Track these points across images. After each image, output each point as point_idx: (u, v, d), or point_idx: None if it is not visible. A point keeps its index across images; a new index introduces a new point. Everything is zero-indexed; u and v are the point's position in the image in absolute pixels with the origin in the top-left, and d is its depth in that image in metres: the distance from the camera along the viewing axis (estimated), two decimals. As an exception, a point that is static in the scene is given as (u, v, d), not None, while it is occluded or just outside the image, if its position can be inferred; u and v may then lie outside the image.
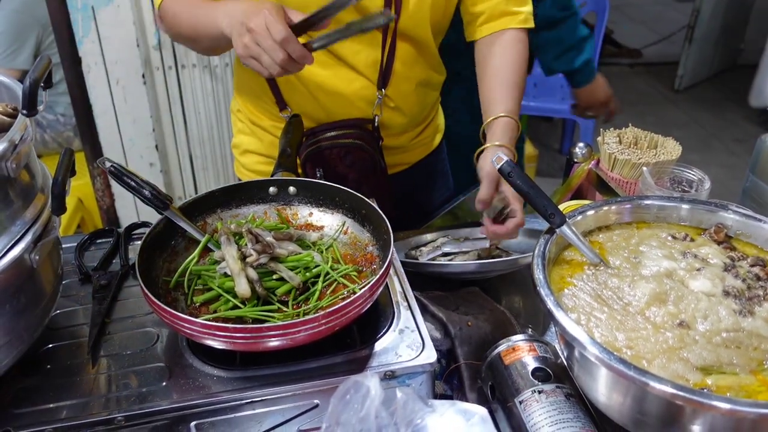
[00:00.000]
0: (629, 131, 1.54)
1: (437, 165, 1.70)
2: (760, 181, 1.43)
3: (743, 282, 0.92)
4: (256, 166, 1.56)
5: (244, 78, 1.49)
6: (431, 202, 1.73)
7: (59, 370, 0.97)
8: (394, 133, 1.49)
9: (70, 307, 1.09)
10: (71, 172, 0.94)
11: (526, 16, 1.35)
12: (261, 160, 1.55)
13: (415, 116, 1.50)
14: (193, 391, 0.92)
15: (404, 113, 1.46)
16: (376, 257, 1.11)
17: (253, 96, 1.49)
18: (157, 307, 0.91)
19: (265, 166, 1.55)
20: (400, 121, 1.47)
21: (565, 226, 0.96)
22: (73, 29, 2.44)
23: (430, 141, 1.62)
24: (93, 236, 1.26)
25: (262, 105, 1.48)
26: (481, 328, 1.13)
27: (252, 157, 1.56)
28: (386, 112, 1.43)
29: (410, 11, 1.32)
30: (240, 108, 1.56)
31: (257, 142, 1.54)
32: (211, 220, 1.17)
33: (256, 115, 1.51)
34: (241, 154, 1.59)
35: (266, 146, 1.53)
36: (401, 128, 1.50)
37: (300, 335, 0.89)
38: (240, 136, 1.59)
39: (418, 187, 1.66)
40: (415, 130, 1.55)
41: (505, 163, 0.97)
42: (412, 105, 1.47)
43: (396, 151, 1.54)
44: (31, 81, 0.84)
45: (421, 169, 1.63)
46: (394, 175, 1.55)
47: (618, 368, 0.75)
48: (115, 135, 2.73)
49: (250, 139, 1.55)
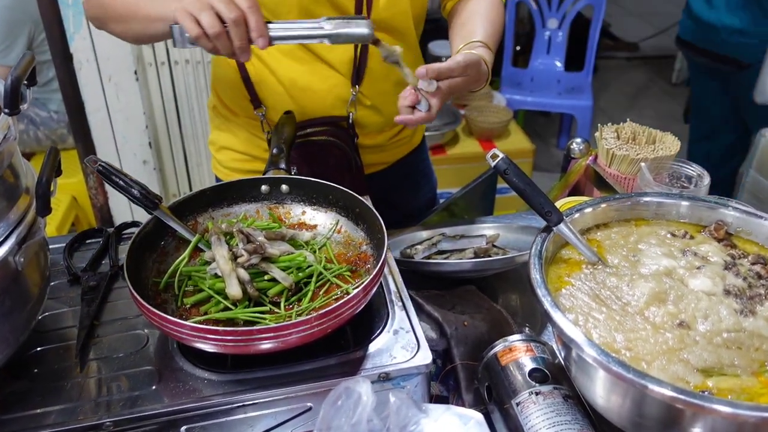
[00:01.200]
0: (627, 126, 1.52)
1: (418, 165, 1.66)
2: (760, 176, 1.41)
3: (744, 280, 0.91)
4: (232, 163, 1.53)
5: (219, 74, 1.46)
6: (413, 204, 1.69)
7: (47, 373, 0.95)
8: (370, 131, 1.46)
9: (58, 309, 1.07)
10: (57, 171, 0.91)
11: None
12: (237, 157, 1.52)
13: (392, 116, 1.47)
14: (184, 395, 0.90)
15: (381, 112, 1.43)
16: (370, 256, 1.09)
17: (228, 92, 1.45)
18: (146, 310, 0.89)
19: (242, 163, 1.51)
20: (377, 120, 1.44)
21: (562, 224, 0.94)
22: (64, 25, 2.41)
23: (409, 140, 1.59)
24: (82, 236, 1.23)
25: (237, 101, 1.44)
26: (478, 328, 1.11)
27: (228, 153, 1.53)
28: (362, 111, 1.41)
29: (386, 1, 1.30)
30: (215, 104, 1.53)
31: (233, 138, 1.51)
32: (202, 219, 1.15)
33: (232, 112, 1.48)
34: (218, 151, 1.55)
35: (242, 143, 1.50)
36: (377, 127, 1.47)
37: (292, 337, 0.87)
38: (216, 132, 1.55)
39: (397, 187, 1.62)
40: (393, 129, 1.52)
41: (501, 160, 0.95)
42: (389, 104, 1.43)
43: (373, 150, 1.50)
44: (12, 79, 0.82)
45: (400, 169, 1.59)
46: (373, 175, 1.52)
47: (617, 371, 0.73)
48: (108, 132, 2.71)
49: (226, 135, 1.52)
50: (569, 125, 4.50)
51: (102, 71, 2.58)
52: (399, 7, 1.33)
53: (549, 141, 4.63)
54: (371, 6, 1.29)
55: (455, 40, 1.31)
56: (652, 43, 5.70)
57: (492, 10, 1.35)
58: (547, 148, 4.53)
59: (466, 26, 1.32)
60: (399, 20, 1.35)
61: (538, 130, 4.67)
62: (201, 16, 1.03)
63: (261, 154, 1.48)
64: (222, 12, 1.03)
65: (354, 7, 1.28)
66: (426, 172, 1.73)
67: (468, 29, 1.30)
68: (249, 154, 1.50)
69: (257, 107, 1.40)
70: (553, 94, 4.12)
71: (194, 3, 1.04)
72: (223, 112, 1.51)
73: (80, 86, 2.57)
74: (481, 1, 1.37)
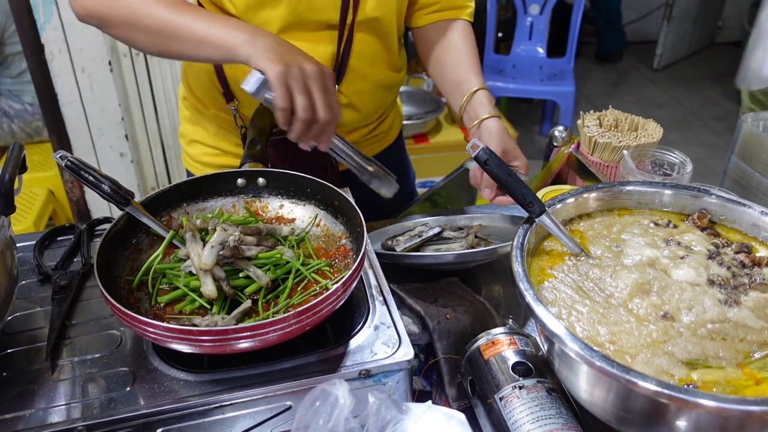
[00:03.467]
0: (609, 113, 1.50)
1: (395, 160, 1.64)
2: (742, 162, 1.40)
3: (728, 270, 0.90)
4: (203, 157, 1.49)
5: (191, 64, 1.42)
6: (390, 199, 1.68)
7: (16, 377, 0.92)
8: (346, 130, 1.44)
9: (28, 310, 1.03)
10: (21, 168, 0.88)
11: (472, 11, 1.42)
12: (208, 151, 1.48)
13: (368, 114, 1.45)
14: (159, 397, 0.87)
15: (358, 110, 1.41)
16: (349, 250, 1.06)
17: (199, 84, 1.41)
18: (117, 310, 0.86)
19: (212, 157, 1.48)
20: (353, 117, 1.42)
21: (544, 215, 0.92)
22: (35, 16, 2.35)
23: (385, 136, 1.57)
24: (53, 233, 1.20)
25: (208, 94, 1.40)
26: (461, 321, 1.09)
27: (199, 147, 1.49)
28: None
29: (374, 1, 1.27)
30: (185, 95, 1.49)
31: (203, 131, 1.47)
32: (177, 214, 1.11)
33: (203, 104, 1.44)
34: (188, 144, 1.52)
35: (212, 137, 1.46)
36: (354, 125, 1.45)
37: (270, 336, 0.85)
38: (186, 124, 1.51)
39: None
40: (369, 126, 1.50)
41: (481, 150, 0.93)
42: (367, 104, 1.42)
43: None
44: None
45: None
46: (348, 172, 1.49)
47: (602, 367, 0.71)
48: (83, 125, 2.65)
49: (196, 128, 1.48)
50: (552, 112, 4.49)
51: (75, 62, 2.52)
52: (386, 8, 1.30)
53: (531, 128, 4.63)
54: (357, 7, 1.26)
55: (448, 88, 1.36)
56: (633, 29, 5.70)
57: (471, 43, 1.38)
58: (530, 135, 4.52)
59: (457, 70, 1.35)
60: (385, 22, 1.33)
61: (521, 117, 4.66)
62: (298, 98, 1.04)
63: (232, 149, 1.45)
64: (319, 109, 1.05)
65: (339, 8, 1.25)
66: (403, 166, 1.71)
67: (459, 74, 1.34)
68: (220, 148, 1.46)
69: (230, 101, 1.36)
70: (535, 80, 4.10)
71: (297, 79, 1.03)
72: (193, 104, 1.47)
73: (53, 78, 2.51)
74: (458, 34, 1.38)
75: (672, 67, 5.52)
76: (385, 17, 1.31)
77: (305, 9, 1.24)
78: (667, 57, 5.45)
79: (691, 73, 5.45)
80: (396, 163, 1.67)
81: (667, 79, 5.36)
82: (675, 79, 5.36)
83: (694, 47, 5.66)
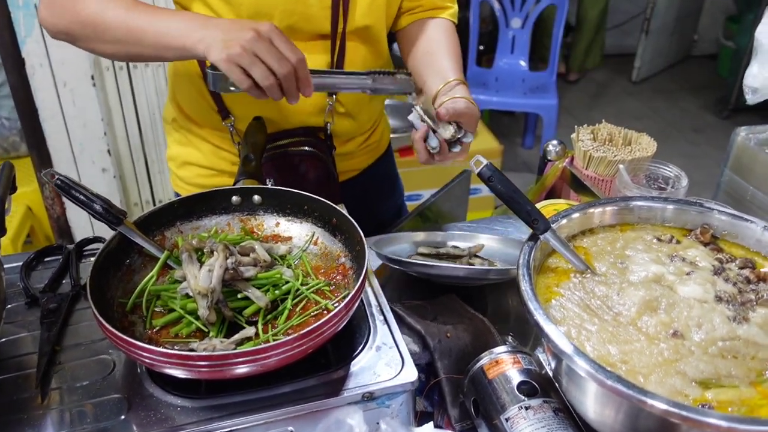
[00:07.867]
0: (603, 127, 1.50)
1: (386, 170, 1.64)
2: (736, 175, 1.41)
3: (734, 286, 0.89)
4: (196, 179, 1.45)
5: (181, 84, 1.38)
6: (382, 210, 1.66)
7: (4, 405, 0.88)
8: (343, 140, 1.43)
9: (15, 335, 0.99)
10: (11, 188, 0.85)
11: (454, 11, 1.41)
12: (202, 172, 1.44)
13: (363, 122, 1.44)
14: (155, 425, 0.84)
15: (353, 118, 1.40)
16: (349, 269, 1.04)
17: (192, 103, 1.38)
18: (111, 335, 0.83)
19: (207, 178, 1.43)
20: (350, 127, 1.41)
21: (549, 232, 0.91)
22: (15, 29, 2.30)
23: (377, 145, 1.56)
24: (40, 254, 1.16)
25: (202, 112, 1.37)
26: (461, 339, 1.08)
27: (192, 169, 1.45)
28: (336, 119, 1.37)
29: (364, 9, 1.26)
30: (175, 117, 1.44)
31: (196, 152, 1.43)
32: (170, 233, 1.08)
33: (196, 123, 1.40)
34: (179, 167, 1.47)
35: (207, 157, 1.42)
36: (349, 135, 1.44)
37: (271, 360, 0.82)
38: (176, 147, 1.47)
39: (367, 194, 1.58)
40: (363, 135, 1.49)
41: (485, 167, 0.91)
42: (362, 110, 1.41)
43: (345, 158, 1.47)
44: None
45: (369, 176, 1.56)
46: (343, 183, 1.48)
47: (616, 388, 0.70)
48: (64, 140, 2.59)
49: (189, 150, 1.44)
50: (534, 124, 4.52)
51: (56, 76, 2.47)
52: (375, 15, 1.29)
53: (514, 140, 4.64)
54: (347, 16, 1.25)
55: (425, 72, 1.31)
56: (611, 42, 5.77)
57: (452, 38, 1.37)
58: (513, 148, 4.54)
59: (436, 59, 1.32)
60: (375, 30, 1.32)
61: (503, 130, 4.67)
62: (252, 70, 1.02)
63: (228, 168, 1.41)
64: (273, 67, 1.03)
65: (330, 17, 1.24)
66: (393, 177, 1.71)
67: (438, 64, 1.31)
68: (215, 168, 1.42)
69: (225, 117, 1.33)
70: (518, 93, 4.12)
71: (241, 55, 1.01)
72: (185, 125, 1.42)
73: (33, 92, 2.45)
74: (439, 29, 1.37)
75: (650, 79, 5.58)
76: (375, 25, 1.31)
77: (297, 20, 1.23)
78: (645, 70, 5.52)
79: (669, 86, 5.52)
80: (387, 174, 1.66)
81: (646, 92, 5.42)
82: (653, 91, 5.43)
83: (671, 60, 5.74)
